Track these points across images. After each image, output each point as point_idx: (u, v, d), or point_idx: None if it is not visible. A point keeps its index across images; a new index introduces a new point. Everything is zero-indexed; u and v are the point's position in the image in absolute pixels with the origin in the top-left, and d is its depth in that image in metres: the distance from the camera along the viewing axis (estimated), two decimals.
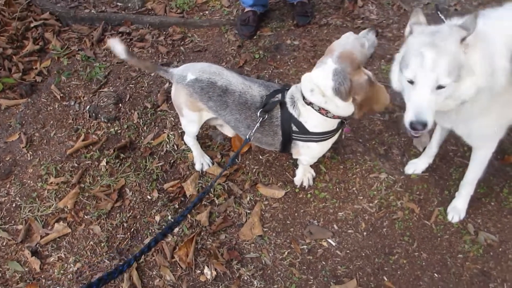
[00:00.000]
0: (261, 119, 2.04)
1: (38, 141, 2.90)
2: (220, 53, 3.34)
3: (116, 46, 2.15)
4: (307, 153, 2.21)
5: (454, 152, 2.61)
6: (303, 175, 2.49)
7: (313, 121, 2.04)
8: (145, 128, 2.90)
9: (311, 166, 2.50)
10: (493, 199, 2.41)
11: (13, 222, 2.53)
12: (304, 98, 2.01)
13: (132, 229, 2.45)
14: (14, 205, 2.60)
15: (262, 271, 2.24)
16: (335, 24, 3.48)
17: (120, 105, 3.05)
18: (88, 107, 3.04)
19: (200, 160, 2.63)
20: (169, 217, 2.46)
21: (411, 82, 1.60)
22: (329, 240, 2.31)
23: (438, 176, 2.52)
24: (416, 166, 2.51)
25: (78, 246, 2.40)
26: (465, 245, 2.24)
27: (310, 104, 1.99)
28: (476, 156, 2.11)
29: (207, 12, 3.70)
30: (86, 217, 2.51)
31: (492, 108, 1.79)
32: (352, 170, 2.58)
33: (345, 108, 1.96)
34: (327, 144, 2.18)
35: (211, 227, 2.40)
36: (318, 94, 1.94)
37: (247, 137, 2.07)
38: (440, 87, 1.55)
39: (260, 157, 2.68)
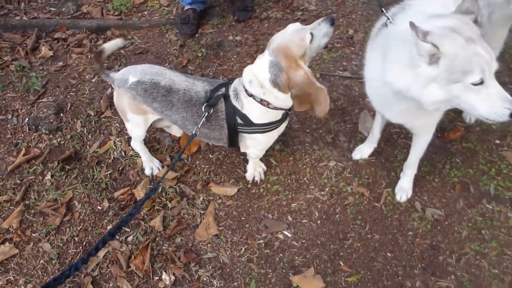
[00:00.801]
0: (206, 113, 2.03)
1: None
2: (162, 53, 3.29)
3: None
4: (254, 145, 2.22)
5: (398, 134, 2.70)
6: (254, 170, 2.50)
7: (255, 113, 2.05)
8: (89, 136, 2.81)
9: (261, 160, 2.51)
10: (436, 176, 2.51)
11: None
12: (246, 90, 2.01)
13: (84, 242, 2.37)
14: None
15: (220, 270, 2.23)
16: (276, 17, 3.51)
17: (62, 114, 2.94)
18: (27, 119, 2.91)
19: (150, 164, 2.58)
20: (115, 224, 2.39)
21: (480, 83, 1.50)
22: (285, 232, 2.34)
23: (384, 158, 2.60)
24: (363, 152, 2.58)
25: (27, 266, 2.30)
26: (414, 223, 2.33)
27: (251, 95, 2.00)
28: (418, 142, 2.20)
29: (146, 12, 3.63)
30: (33, 235, 2.40)
31: None
32: (302, 160, 2.61)
33: (285, 100, 1.97)
34: (273, 135, 2.19)
35: (166, 231, 2.36)
36: (257, 85, 1.96)
37: (193, 132, 2.05)
38: None
39: (210, 156, 2.67)
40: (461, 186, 2.45)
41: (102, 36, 3.43)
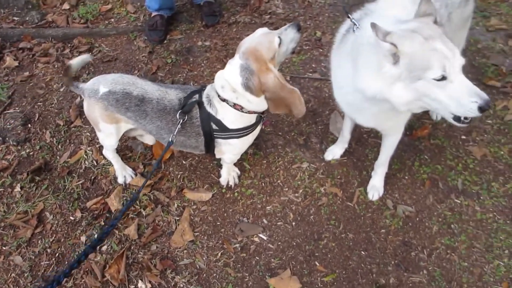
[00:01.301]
0: (181, 120, 2.03)
1: None
2: (131, 61, 3.26)
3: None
4: (229, 151, 2.23)
5: (368, 134, 2.76)
6: (228, 175, 2.50)
7: (230, 117, 2.05)
8: (59, 146, 2.77)
9: (235, 164, 2.52)
10: (406, 173, 2.57)
11: None
12: (218, 95, 2.02)
13: (57, 254, 2.33)
14: None
15: (197, 276, 2.22)
16: (244, 21, 3.53)
17: (29, 125, 2.88)
18: None
19: (122, 172, 2.56)
20: (96, 236, 2.37)
21: (442, 78, 1.50)
22: (260, 235, 2.35)
23: (356, 158, 2.65)
24: (334, 152, 2.62)
25: None
26: (386, 220, 2.38)
27: (224, 100, 2.00)
28: (388, 142, 2.25)
29: (112, 20, 3.59)
30: (4, 248, 2.35)
31: None
32: (275, 163, 2.63)
33: (258, 103, 1.99)
34: (248, 140, 2.21)
35: (141, 239, 2.34)
36: (229, 90, 1.97)
37: (170, 139, 2.04)
38: None
39: (184, 162, 2.66)
40: (430, 182, 2.52)
41: (69, 45, 3.37)
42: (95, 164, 2.67)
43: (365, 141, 2.72)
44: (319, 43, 3.39)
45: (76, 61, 2.18)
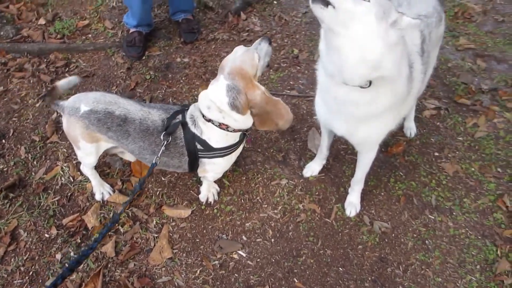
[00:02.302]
0: (165, 142, 2.02)
1: None
2: (109, 76, 3.25)
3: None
4: (213, 169, 2.24)
5: (345, 151, 2.81)
6: (208, 191, 2.51)
7: (215, 137, 2.06)
8: (35, 162, 2.72)
9: (214, 181, 2.53)
10: (382, 189, 2.63)
11: None
12: (203, 115, 2.03)
13: (31, 272, 2.27)
14: None
15: None
16: (222, 38, 3.56)
17: (4, 141, 2.83)
18: None
19: (100, 189, 2.53)
20: (72, 254, 2.33)
21: None
22: (240, 252, 2.36)
23: (333, 175, 2.69)
24: (313, 169, 2.66)
25: None
26: (363, 236, 2.42)
27: (210, 120, 2.01)
28: (363, 159, 2.30)
29: (90, 35, 3.58)
30: None
31: (390, 112, 1.92)
32: (254, 180, 2.65)
33: (244, 121, 2.01)
34: (232, 158, 2.23)
35: (118, 257, 2.31)
36: (215, 110, 1.97)
37: (154, 161, 2.03)
38: None
39: (163, 178, 2.65)
40: (405, 198, 2.58)
41: (45, 60, 3.33)
42: (72, 180, 2.64)
43: (343, 157, 2.78)
44: (296, 61, 3.46)
45: (62, 83, 2.15)
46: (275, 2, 4.08)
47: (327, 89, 1.89)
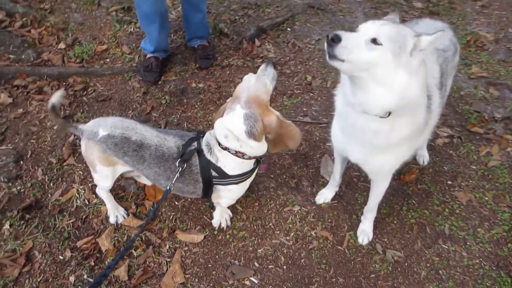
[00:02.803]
0: (180, 168, 2.05)
1: None
2: (126, 100, 3.31)
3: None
4: (227, 196, 2.26)
5: (358, 178, 2.82)
6: (221, 217, 2.52)
7: (231, 165, 2.09)
8: (51, 184, 2.77)
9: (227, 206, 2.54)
10: (395, 218, 2.63)
11: None
12: (219, 143, 2.06)
13: None
14: None
15: None
16: (237, 64, 3.63)
17: (22, 162, 2.88)
18: None
19: (114, 212, 2.56)
20: (85, 276, 2.35)
21: None
22: (252, 278, 2.36)
23: (346, 202, 2.70)
24: (325, 196, 2.67)
25: None
26: (376, 265, 2.41)
27: (226, 149, 2.04)
28: (377, 189, 2.31)
29: (108, 60, 3.66)
30: None
31: (407, 143, 1.93)
32: (267, 206, 2.67)
33: (260, 148, 2.03)
34: (246, 184, 2.25)
35: (131, 281, 2.33)
36: (233, 139, 1.99)
37: (168, 187, 2.06)
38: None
39: (176, 203, 2.68)
40: (418, 227, 2.57)
41: (64, 83, 3.41)
42: (87, 203, 2.67)
43: (355, 185, 2.79)
44: (309, 87, 3.50)
45: (55, 98, 2.15)
46: (288, 29, 4.15)
47: (346, 116, 1.90)
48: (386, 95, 1.60)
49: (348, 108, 1.81)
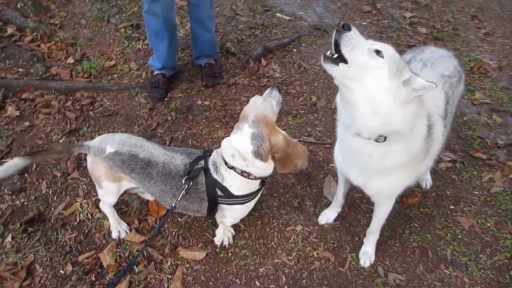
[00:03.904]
0: (186, 186, 2.06)
1: None
2: (132, 116, 3.35)
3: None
4: (232, 215, 2.27)
5: (360, 199, 2.83)
6: (223, 235, 2.52)
7: (236, 184, 2.10)
8: (55, 198, 2.77)
9: None
10: (397, 241, 2.62)
11: None
12: (226, 162, 2.07)
13: None
14: None
15: None
16: (243, 83, 3.67)
17: (26, 175, 2.90)
18: None
19: (117, 227, 2.56)
20: None
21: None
22: None
23: (348, 223, 2.70)
24: (328, 216, 2.68)
25: None
26: None
27: (232, 168, 2.05)
28: (380, 211, 2.32)
29: (115, 75, 3.71)
30: None
31: (405, 169, 1.95)
32: (269, 225, 2.67)
33: (266, 168, 2.05)
34: (251, 204, 2.25)
35: None
36: (239, 158, 2.01)
37: (173, 205, 2.07)
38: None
39: (179, 219, 2.68)
40: (420, 250, 2.57)
41: (71, 98, 3.45)
42: (90, 217, 2.68)
43: (358, 206, 2.79)
44: (314, 108, 3.54)
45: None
46: (294, 50, 4.21)
47: (343, 139, 1.95)
48: (371, 115, 1.63)
49: (344, 131, 1.85)
